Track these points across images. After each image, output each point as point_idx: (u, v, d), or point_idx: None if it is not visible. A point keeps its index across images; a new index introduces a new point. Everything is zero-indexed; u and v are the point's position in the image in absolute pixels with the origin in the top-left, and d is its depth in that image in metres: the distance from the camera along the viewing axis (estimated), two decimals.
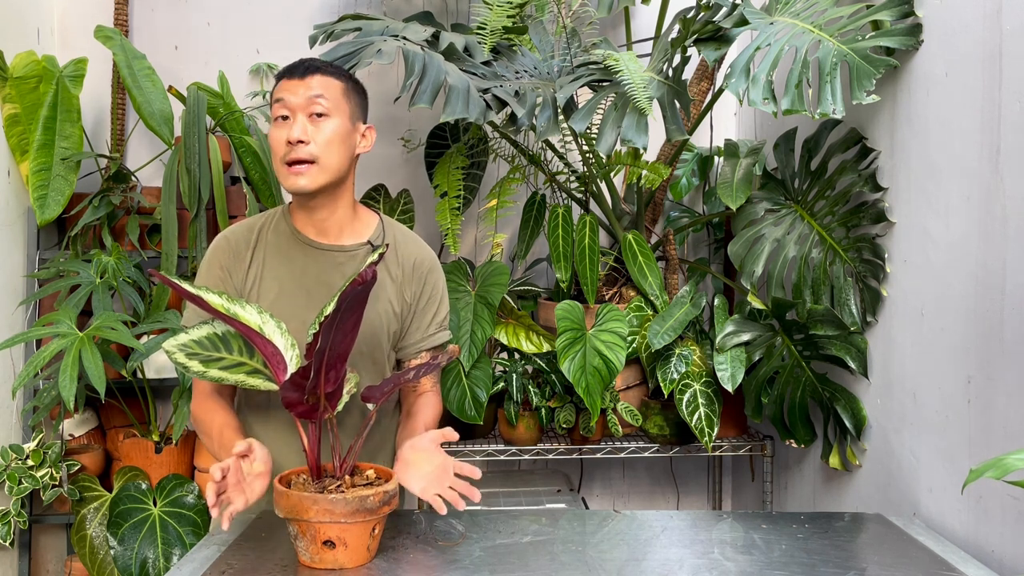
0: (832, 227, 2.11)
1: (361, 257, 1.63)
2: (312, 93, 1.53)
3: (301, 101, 1.53)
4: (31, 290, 2.57)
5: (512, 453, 2.43)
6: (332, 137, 1.55)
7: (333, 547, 1.30)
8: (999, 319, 1.55)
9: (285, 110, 1.54)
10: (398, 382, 1.35)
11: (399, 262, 1.66)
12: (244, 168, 2.60)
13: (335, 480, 1.36)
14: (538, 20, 2.43)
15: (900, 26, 1.86)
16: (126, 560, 2.38)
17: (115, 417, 2.71)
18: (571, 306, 2.27)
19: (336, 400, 1.36)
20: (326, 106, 1.54)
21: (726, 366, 2.17)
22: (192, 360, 1.39)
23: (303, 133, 1.52)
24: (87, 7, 2.79)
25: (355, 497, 1.28)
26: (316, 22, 2.80)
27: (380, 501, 1.31)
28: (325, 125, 1.54)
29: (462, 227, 2.61)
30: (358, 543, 1.32)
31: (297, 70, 1.56)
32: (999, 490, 1.54)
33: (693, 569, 1.39)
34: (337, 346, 1.29)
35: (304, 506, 1.28)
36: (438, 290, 1.70)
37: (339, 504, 1.28)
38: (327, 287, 1.59)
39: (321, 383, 1.30)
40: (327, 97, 1.54)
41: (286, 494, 1.30)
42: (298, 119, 1.53)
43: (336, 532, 1.30)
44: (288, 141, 1.52)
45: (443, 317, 1.71)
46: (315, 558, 1.31)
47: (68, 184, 2.47)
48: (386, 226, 1.69)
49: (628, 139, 1.94)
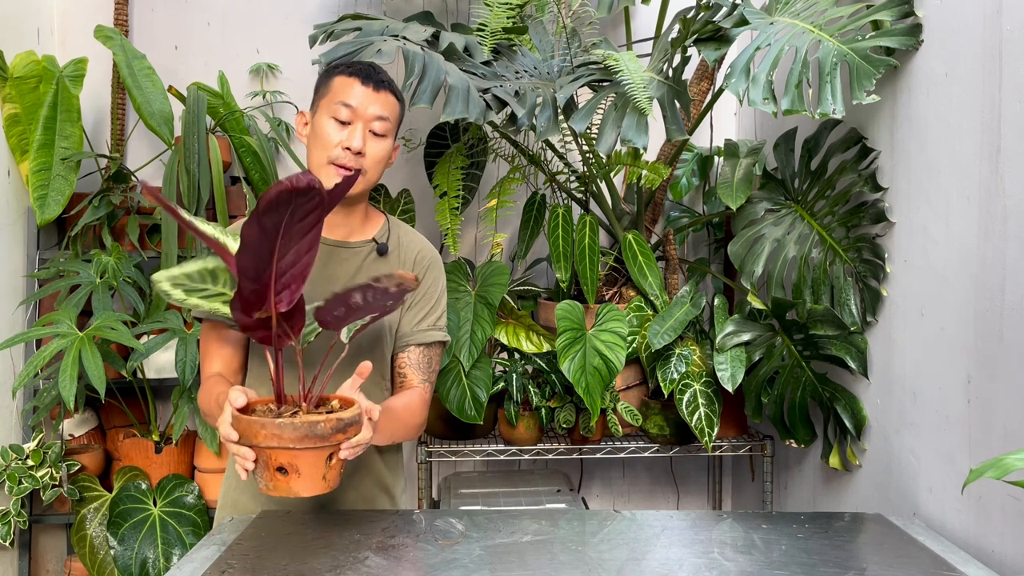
0: (832, 227, 2.11)
1: (364, 253, 1.65)
2: (380, 112, 1.57)
3: (368, 114, 1.56)
4: (31, 290, 2.57)
5: (512, 453, 2.43)
6: (382, 157, 1.60)
7: (286, 474, 1.27)
8: (999, 319, 1.55)
9: (350, 114, 1.56)
10: (347, 304, 1.29)
11: (402, 259, 1.68)
12: (244, 168, 2.60)
13: (293, 408, 1.33)
14: (538, 20, 2.43)
15: (900, 26, 1.86)
16: (126, 560, 2.38)
17: (115, 417, 2.71)
18: (571, 306, 2.27)
19: (298, 326, 1.32)
20: (385, 128, 1.58)
21: (726, 366, 2.17)
22: (176, 289, 1.37)
23: (364, 145, 1.56)
24: (87, 7, 2.79)
25: (303, 422, 1.25)
26: (316, 22, 2.80)
27: (332, 428, 1.27)
28: (380, 144, 1.58)
29: (462, 227, 2.61)
30: (312, 471, 1.28)
31: (371, 79, 1.57)
32: (999, 490, 1.54)
33: (693, 569, 1.39)
34: (290, 265, 1.24)
35: (254, 431, 1.26)
36: (436, 288, 1.70)
37: (287, 428, 1.25)
38: (328, 280, 1.60)
39: (271, 300, 1.26)
40: (389, 119, 1.59)
41: (239, 419, 1.28)
42: (358, 129, 1.56)
43: (287, 458, 1.27)
44: (347, 147, 1.55)
45: (438, 316, 1.69)
46: (269, 485, 1.29)
47: (68, 184, 2.47)
48: (392, 225, 1.71)
49: (628, 139, 1.94)
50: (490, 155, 2.63)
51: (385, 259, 1.66)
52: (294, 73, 2.85)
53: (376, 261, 1.65)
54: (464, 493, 2.49)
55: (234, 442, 1.27)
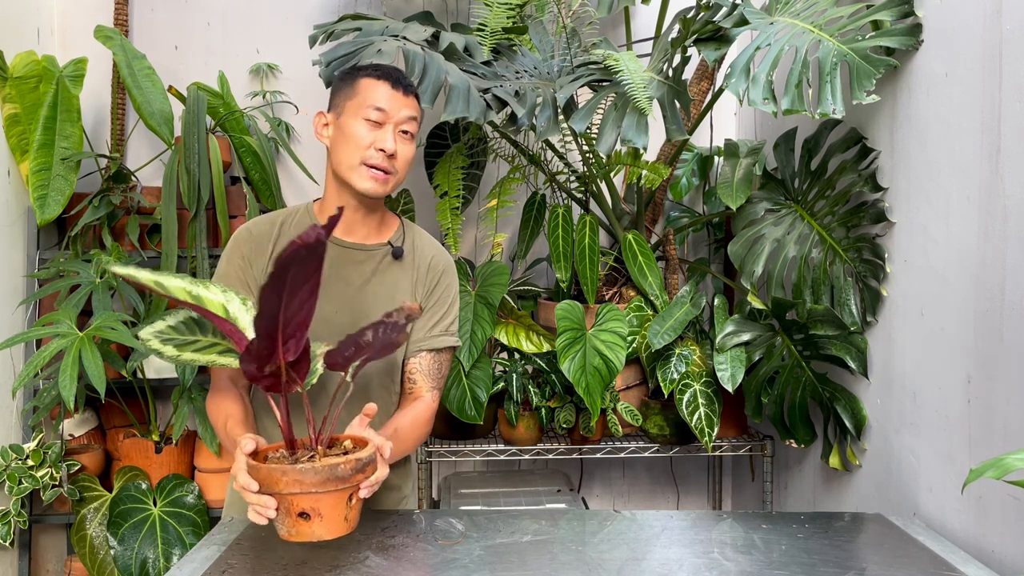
0: (832, 227, 2.11)
1: (380, 256, 1.64)
2: (410, 114, 1.60)
3: (399, 117, 1.58)
4: (31, 290, 2.57)
5: (512, 453, 2.43)
6: (409, 158, 1.63)
7: (308, 519, 1.28)
8: (999, 319, 1.55)
9: (381, 116, 1.58)
10: (357, 345, 1.31)
11: (415, 263, 1.67)
12: (244, 168, 2.60)
13: (308, 451, 1.33)
14: (538, 20, 2.43)
15: (900, 26, 1.86)
16: (126, 560, 2.38)
17: (115, 417, 2.71)
18: (571, 306, 2.27)
19: (303, 371, 1.33)
20: (413, 130, 1.62)
21: (726, 366, 2.17)
22: (166, 346, 1.37)
23: (395, 146, 1.58)
24: (87, 7, 2.79)
25: (325, 466, 1.26)
26: (316, 22, 2.80)
27: (352, 469, 1.28)
28: (408, 146, 1.61)
29: (462, 227, 2.61)
30: (334, 513, 1.29)
31: (400, 83, 1.60)
32: (999, 490, 1.54)
33: (693, 569, 1.39)
34: (294, 315, 1.24)
35: (274, 478, 1.26)
36: (448, 293, 1.69)
37: (308, 474, 1.25)
38: (344, 283, 1.60)
39: (279, 352, 1.27)
40: (417, 121, 1.63)
41: (257, 468, 1.27)
42: (389, 131, 1.58)
43: (309, 503, 1.27)
44: (380, 148, 1.57)
45: (450, 322, 1.69)
46: (291, 531, 1.29)
47: (68, 184, 2.47)
48: (407, 228, 1.71)
49: (628, 139, 1.94)
50: (490, 155, 2.63)
51: (400, 263, 1.65)
52: (294, 73, 2.85)
53: (391, 265, 1.64)
54: (464, 493, 2.49)
55: (254, 492, 1.27)
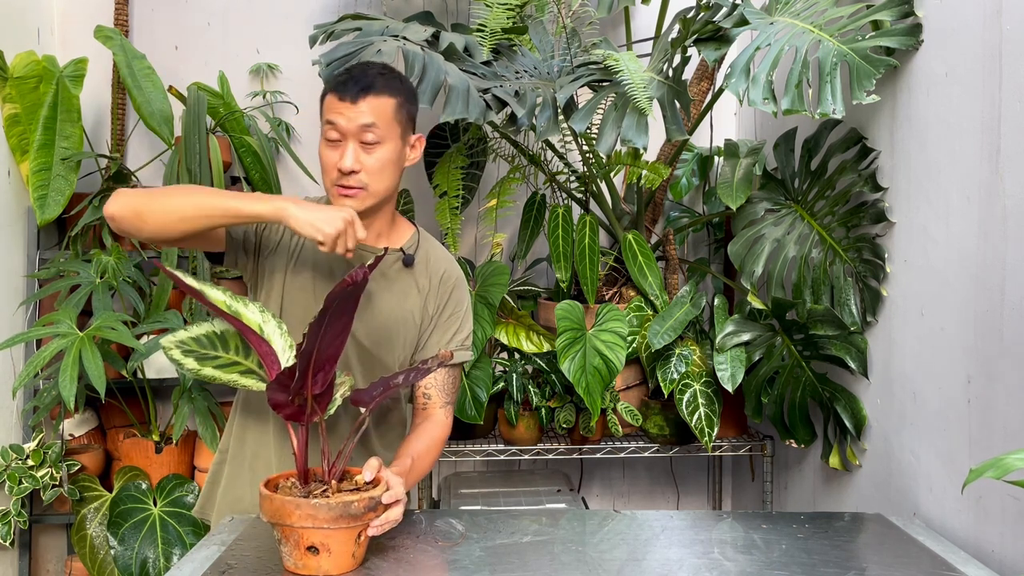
0: (832, 227, 2.11)
1: (390, 261, 1.61)
2: (363, 121, 1.48)
3: (352, 128, 1.48)
4: (31, 290, 2.57)
5: (512, 453, 2.43)
6: (383, 165, 1.51)
7: (316, 553, 1.28)
8: (999, 319, 1.55)
9: (336, 133, 1.49)
10: (387, 386, 1.32)
11: (428, 274, 1.64)
12: (244, 168, 2.60)
13: (321, 485, 1.34)
14: (538, 20, 2.43)
15: (900, 26, 1.86)
16: (126, 560, 2.38)
17: (115, 417, 2.71)
18: (571, 306, 2.27)
19: (325, 403, 1.34)
20: (377, 135, 1.49)
21: (726, 366, 2.17)
22: (188, 357, 1.38)
23: (355, 162, 1.48)
24: (87, 7, 2.79)
25: (339, 503, 1.26)
26: (316, 22, 2.80)
27: (365, 507, 1.28)
28: (376, 153, 1.50)
29: (462, 227, 2.61)
30: (342, 550, 1.30)
31: (349, 91, 1.48)
32: (999, 490, 1.54)
33: (693, 569, 1.39)
34: (326, 348, 1.27)
35: (287, 511, 1.26)
36: (461, 307, 1.67)
37: (322, 509, 1.25)
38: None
39: (308, 384, 1.28)
40: (379, 124, 1.49)
41: (270, 498, 1.28)
42: (349, 146, 1.48)
43: (319, 538, 1.27)
44: (339, 169, 1.49)
45: (465, 336, 1.67)
46: (298, 564, 1.29)
47: (68, 184, 2.47)
48: (422, 238, 1.68)
49: (628, 139, 1.94)
50: (490, 155, 2.63)
51: (411, 271, 1.62)
52: (294, 73, 2.85)
53: (401, 272, 1.62)
54: (464, 493, 2.48)
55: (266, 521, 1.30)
